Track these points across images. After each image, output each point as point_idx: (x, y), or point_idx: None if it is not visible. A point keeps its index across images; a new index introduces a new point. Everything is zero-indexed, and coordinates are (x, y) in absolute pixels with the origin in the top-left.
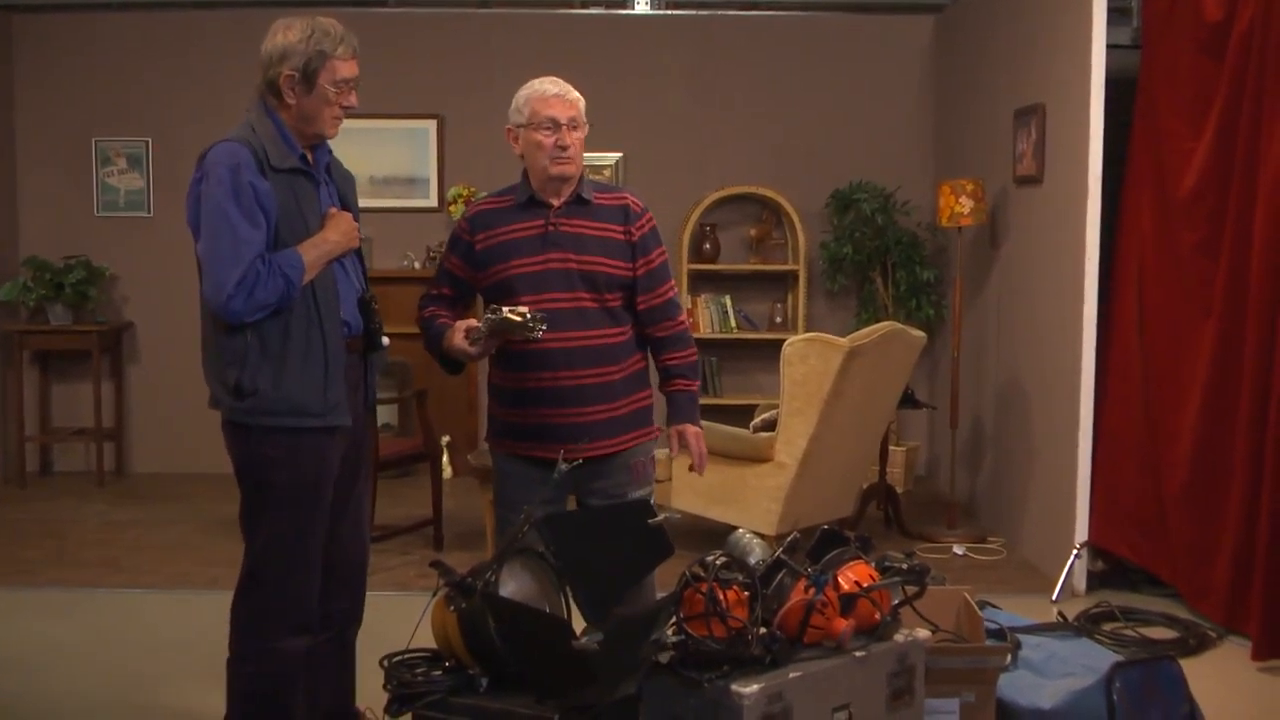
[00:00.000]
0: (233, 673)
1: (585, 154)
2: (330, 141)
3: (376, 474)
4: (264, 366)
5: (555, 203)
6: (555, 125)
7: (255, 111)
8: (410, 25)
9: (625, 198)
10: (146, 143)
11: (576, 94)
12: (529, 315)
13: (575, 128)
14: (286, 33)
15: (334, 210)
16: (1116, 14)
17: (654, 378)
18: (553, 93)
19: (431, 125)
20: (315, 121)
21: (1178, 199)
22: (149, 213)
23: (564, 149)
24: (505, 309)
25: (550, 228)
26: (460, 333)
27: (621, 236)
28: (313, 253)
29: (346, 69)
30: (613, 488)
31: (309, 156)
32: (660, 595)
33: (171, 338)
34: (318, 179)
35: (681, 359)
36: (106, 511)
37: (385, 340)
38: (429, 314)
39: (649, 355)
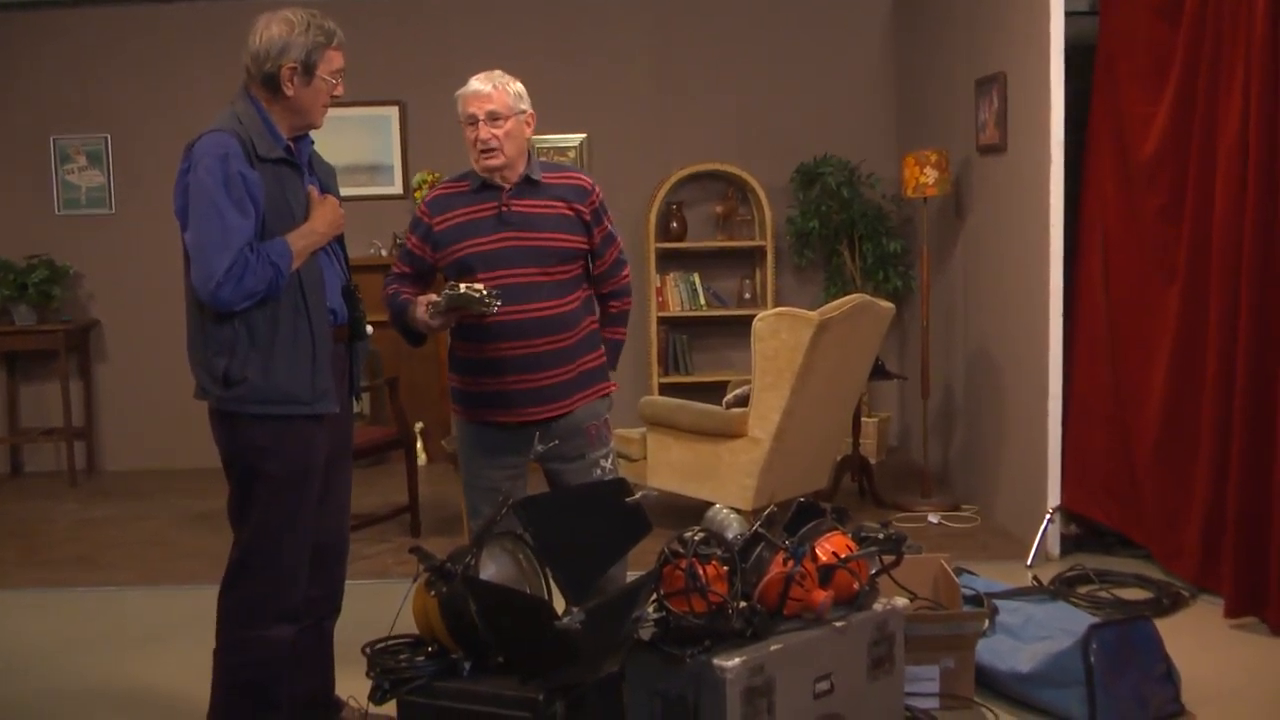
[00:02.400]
0: (220, 663)
1: (550, 136)
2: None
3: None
4: (252, 355)
5: (505, 185)
6: (474, 121)
7: (241, 103)
8: (371, 11)
9: (576, 177)
10: (106, 139)
11: (504, 85)
12: (484, 291)
13: (496, 121)
14: (281, 25)
15: (319, 195)
16: None
17: None
18: (473, 89)
19: (394, 112)
20: (309, 113)
21: (1139, 165)
22: (111, 209)
23: (484, 143)
24: (462, 285)
25: (503, 209)
26: (422, 306)
27: (572, 213)
28: (300, 242)
29: (339, 59)
30: (570, 450)
31: (292, 148)
32: (639, 573)
33: (138, 334)
34: (302, 170)
35: (617, 308)
36: (79, 510)
37: (369, 329)
38: (392, 290)
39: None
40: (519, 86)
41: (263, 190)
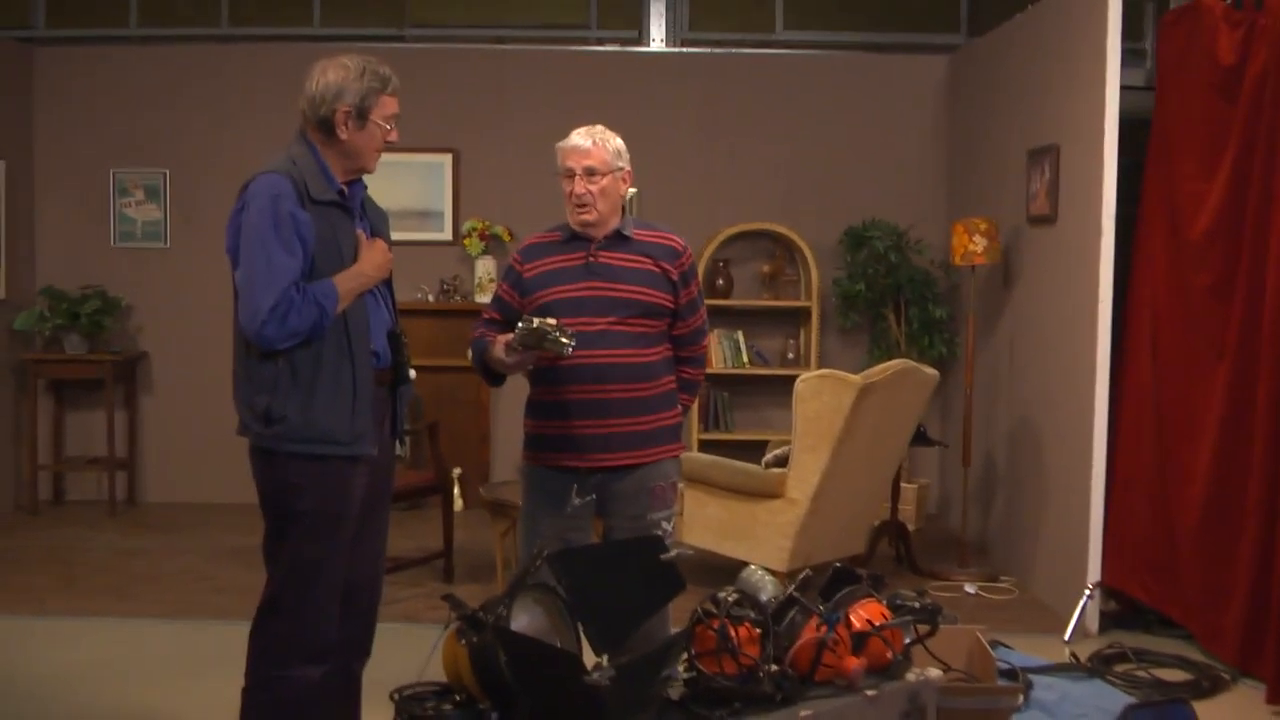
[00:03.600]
0: (247, 701)
1: None
2: (367, 177)
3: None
4: (294, 393)
5: (595, 238)
6: (571, 174)
7: (297, 145)
8: (426, 60)
9: (669, 238)
10: (164, 174)
11: (605, 141)
12: (558, 325)
13: (592, 176)
14: (338, 71)
15: (368, 239)
16: (1131, 55)
17: None
18: (573, 144)
19: (447, 159)
20: (361, 156)
21: (1191, 241)
22: (166, 244)
23: (579, 198)
24: (536, 319)
25: (590, 259)
26: (500, 345)
27: (659, 270)
28: (348, 283)
29: (394, 105)
30: (633, 508)
31: (345, 191)
32: (674, 630)
33: (185, 368)
34: (354, 213)
35: (690, 375)
36: (117, 540)
37: (412, 373)
38: (478, 334)
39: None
40: (619, 143)
41: (313, 231)
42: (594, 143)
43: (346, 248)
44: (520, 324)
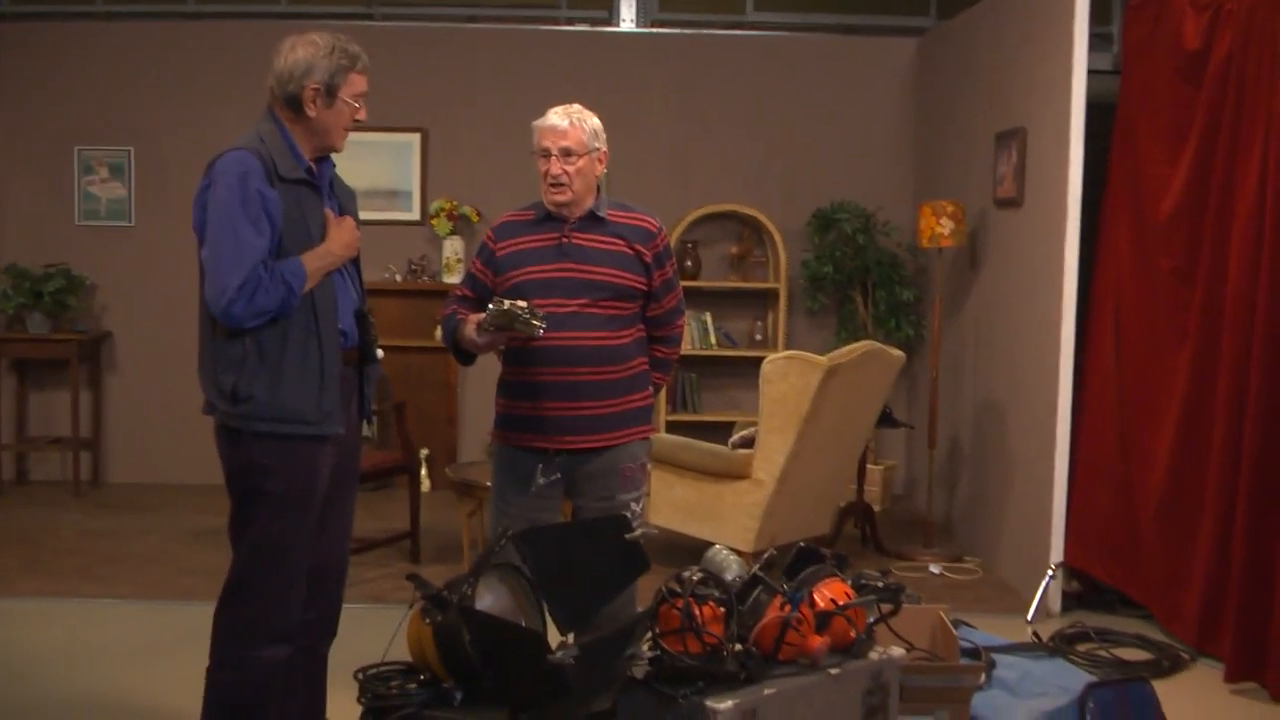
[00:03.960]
0: (211, 681)
1: None
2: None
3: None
4: (260, 373)
5: (569, 219)
6: (547, 154)
7: (265, 123)
8: (395, 39)
9: (643, 220)
10: (129, 152)
11: (581, 121)
12: (529, 308)
13: (569, 157)
14: (307, 48)
15: (335, 217)
16: (1097, 39)
17: None
18: (549, 123)
19: (415, 139)
20: (329, 134)
21: (1155, 224)
22: (130, 222)
23: (555, 178)
24: (507, 301)
25: (564, 240)
26: (471, 324)
27: (632, 252)
28: (315, 262)
29: (362, 83)
30: (602, 490)
31: (314, 169)
32: (639, 610)
33: (150, 348)
34: (322, 191)
35: (664, 354)
36: (82, 521)
37: (380, 353)
38: (450, 311)
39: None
40: (596, 123)
41: (280, 209)
42: (571, 123)
43: (314, 226)
44: (491, 305)
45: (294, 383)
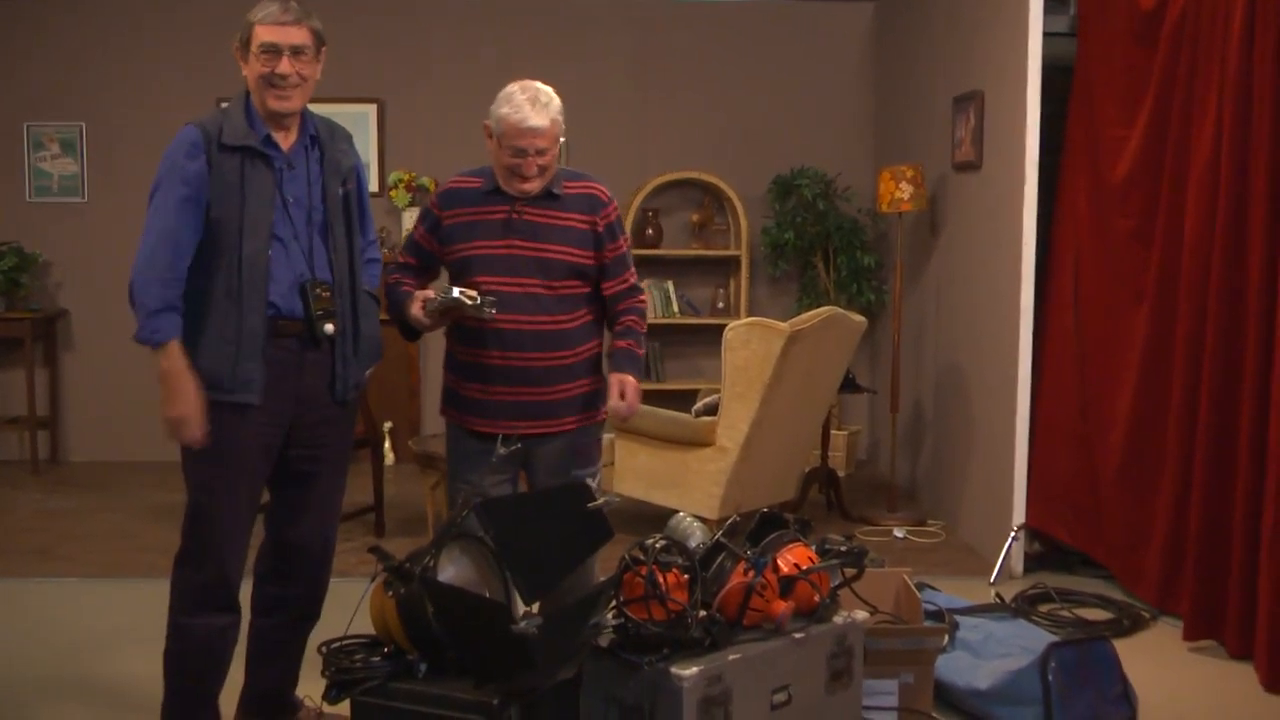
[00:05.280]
0: (164, 651)
1: None
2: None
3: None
4: (186, 335)
5: (520, 195)
6: (523, 154)
7: (242, 91)
8: (349, 8)
9: (593, 187)
10: (80, 127)
11: (557, 115)
12: (478, 299)
13: (543, 154)
14: None
15: (194, 397)
16: (1054, 2)
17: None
18: (528, 124)
19: (371, 110)
20: (257, 92)
21: (1112, 186)
22: (83, 198)
23: (525, 174)
24: (457, 290)
25: (514, 215)
26: (417, 303)
27: (585, 226)
28: (164, 362)
29: (266, 33)
30: (558, 468)
31: (276, 139)
32: (601, 578)
33: (107, 325)
34: (273, 161)
35: (632, 324)
36: (41, 500)
37: (328, 328)
38: (394, 280)
39: (604, 334)
40: (559, 103)
41: (207, 180)
42: (550, 121)
43: (251, 195)
44: (439, 294)
45: (209, 347)
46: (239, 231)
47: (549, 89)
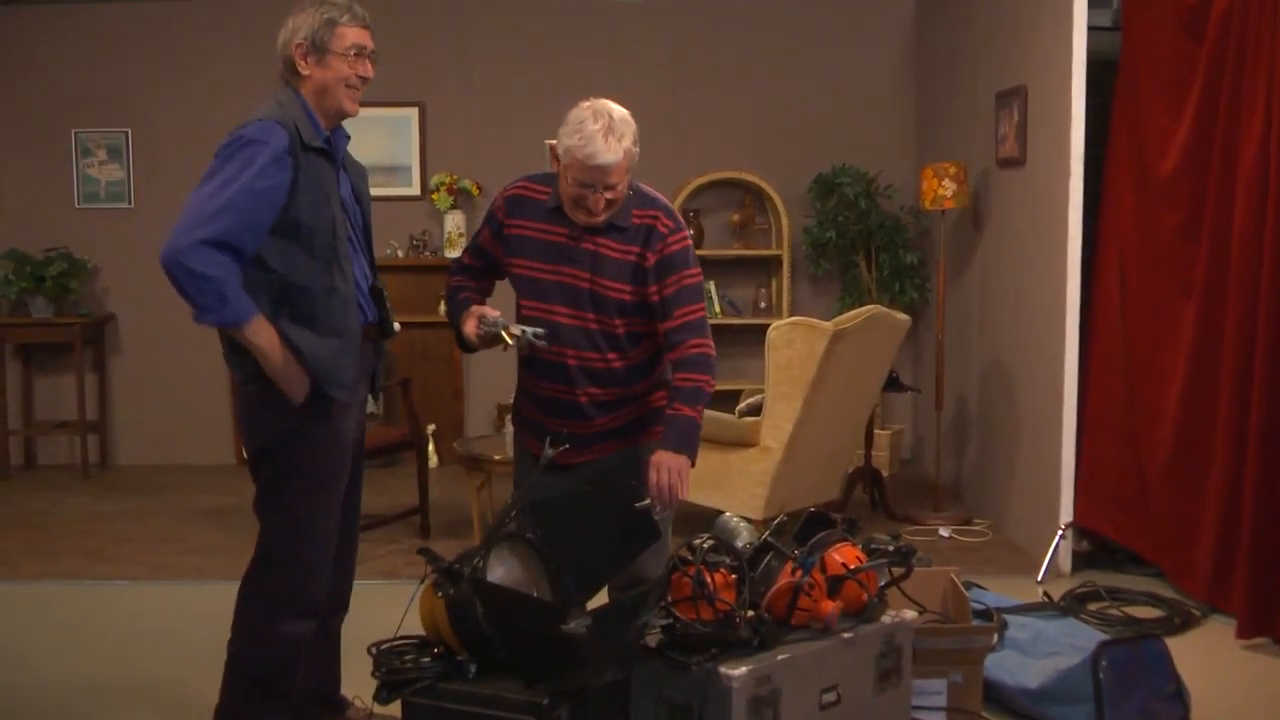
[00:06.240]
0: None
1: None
2: (350, 128)
3: (362, 463)
4: (288, 331)
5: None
6: (590, 188)
7: (282, 91)
8: (391, 11)
9: (657, 218)
10: (126, 134)
11: (630, 147)
12: (522, 339)
13: (612, 188)
14: (299, 12)
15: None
16: None
17: None
18: (599, 161)
19: (413, 113)
20: (330, 94)
21: (1158, 181)
22: (130, 204)
23: (592, 209)
24: (503, 327)
25: (572, 241)
26: (473, 320)
27: (635, 259)
28: (264, 343)
29: (355, 35)
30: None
31: (330, 139)
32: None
33: (154, 329)
34: (337, 163)
35: (682, 381)
36: (90, 503)
37: (397, 327)
38: (455, 283)
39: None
40: (633, 129)
41: (291, 182)
42: (622, 154)
43: (331, 198)
44: (488, 321)
45: (317, 343)
46: (332, 232)
47: (624, 112)
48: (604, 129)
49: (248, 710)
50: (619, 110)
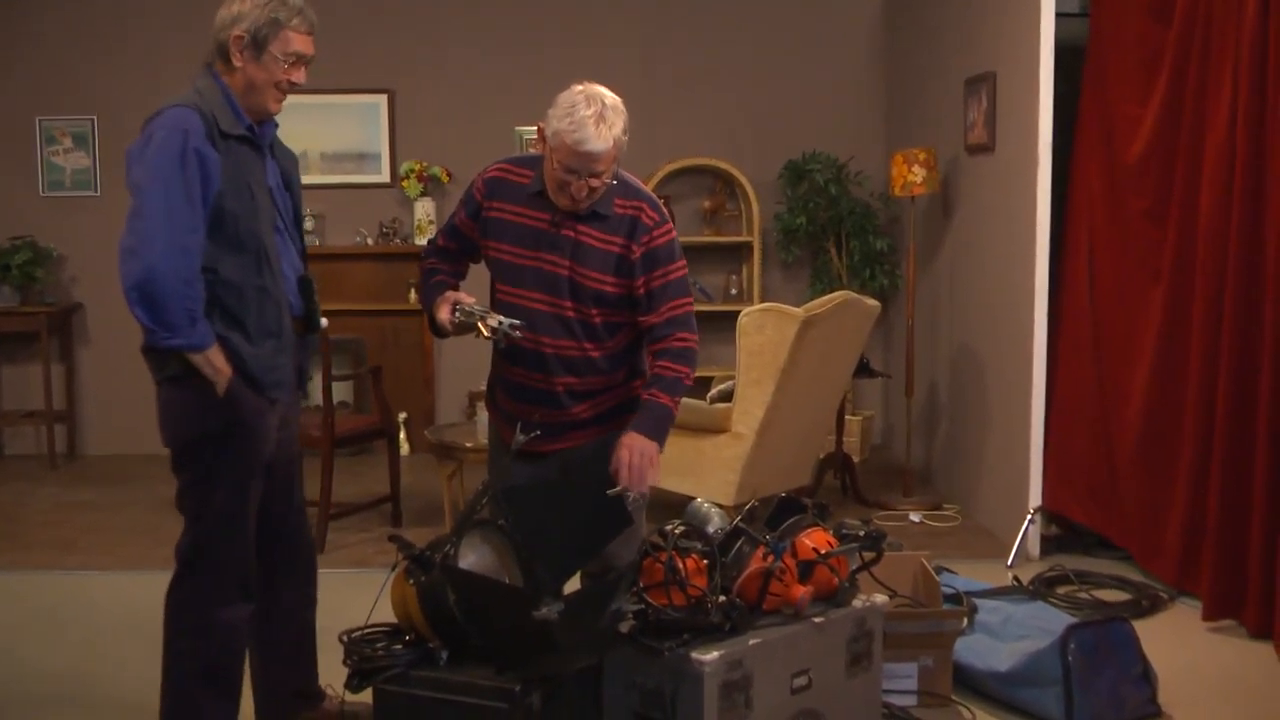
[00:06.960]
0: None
1: (533, 125)
2: (279, 116)
3: (333, 451)
4: (219, 333)
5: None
6: (575, 174)
7: (203, 79)
8: None
9: (641, 209)
10: (92, 121)
11: (616, 133)
12: (498, 331)
13: (597, 175)
14: (244, 1)
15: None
16: None
17: None
18: (587, 148)
19: (382, 100)
20: (259, 93)
21: (1126, 166)
22: (96, 192)
23: (576, 195)
24: (479, 318)
25: (553, 227)
26: (448, 306)
27: (620, 250)
28: (203, 363)
29: (299, 43)
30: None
31: (255, 127)
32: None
33: (122, 318)
34: (264, 151)
35: (662, 369)
36: (59, 494)
37: (324, 322)
38: (429, 265)
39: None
40: (624, 119)
41: (220, 169)
42: (611, 143)
43: (257, 186)
44: (464, 308)
45: (251, 344)
46: (256, 221)
47: (616, 100)
48: (596, 115)
49: (195, 707)
50: (611, 97)
